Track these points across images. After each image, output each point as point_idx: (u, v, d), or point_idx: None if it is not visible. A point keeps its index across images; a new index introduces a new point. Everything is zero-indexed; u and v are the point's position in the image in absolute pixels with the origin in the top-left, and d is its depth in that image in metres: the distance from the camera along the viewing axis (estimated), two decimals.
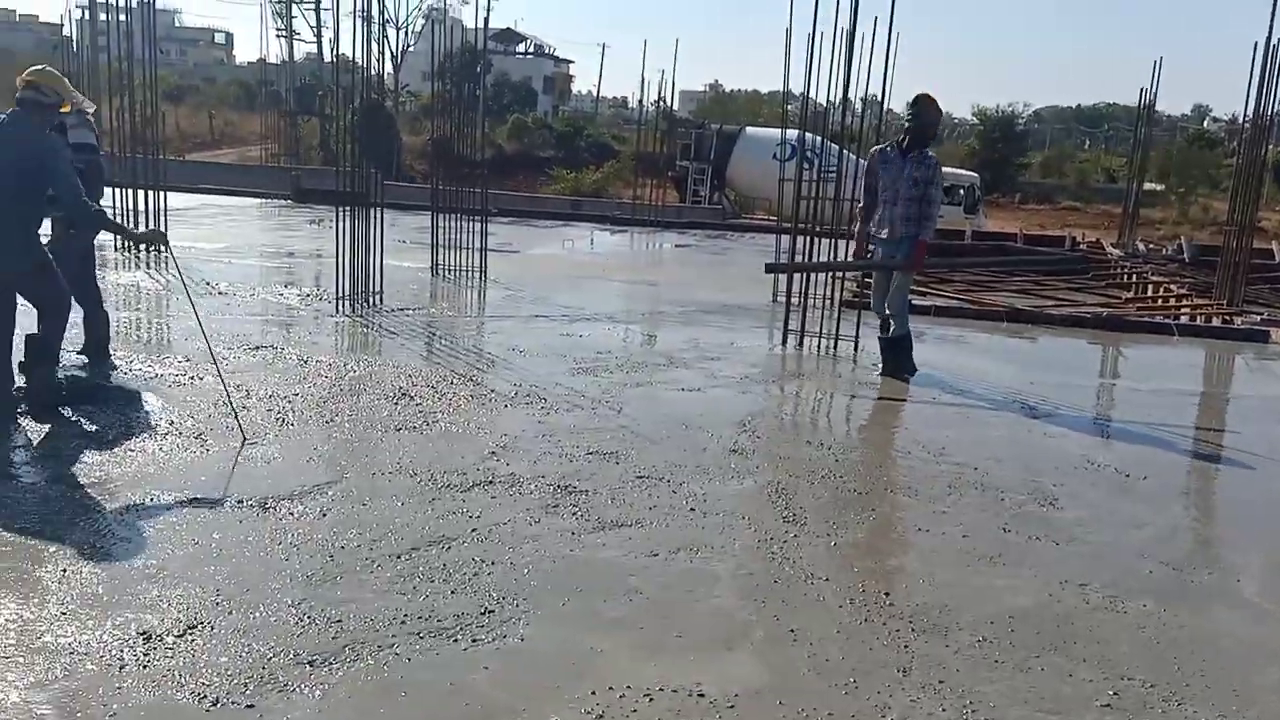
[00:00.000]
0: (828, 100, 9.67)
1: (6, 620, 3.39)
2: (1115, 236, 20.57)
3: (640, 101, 28.50)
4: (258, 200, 20.43)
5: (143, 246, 10.90)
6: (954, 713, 3.20)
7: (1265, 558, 4.78)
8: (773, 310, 10.35)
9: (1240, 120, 15.42)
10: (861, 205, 7.96)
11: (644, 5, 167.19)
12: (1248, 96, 12.18)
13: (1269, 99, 11.81)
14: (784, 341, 8.91)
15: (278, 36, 47.97)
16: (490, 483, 4.97)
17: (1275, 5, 11.33)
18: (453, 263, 11.69)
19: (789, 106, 18.08)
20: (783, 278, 9.72)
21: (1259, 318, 11.44)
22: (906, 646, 3.62)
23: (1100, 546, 4.73)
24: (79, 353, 6.56)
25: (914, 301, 8.53)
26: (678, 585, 4.01)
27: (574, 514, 4.64)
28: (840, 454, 5.90)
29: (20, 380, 5.69)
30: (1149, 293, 13.93)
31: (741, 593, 3.98)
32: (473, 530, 4.38)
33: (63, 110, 5.65)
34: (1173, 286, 13.83)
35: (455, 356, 7.74)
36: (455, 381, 6.87)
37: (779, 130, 17.77)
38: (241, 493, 4.64)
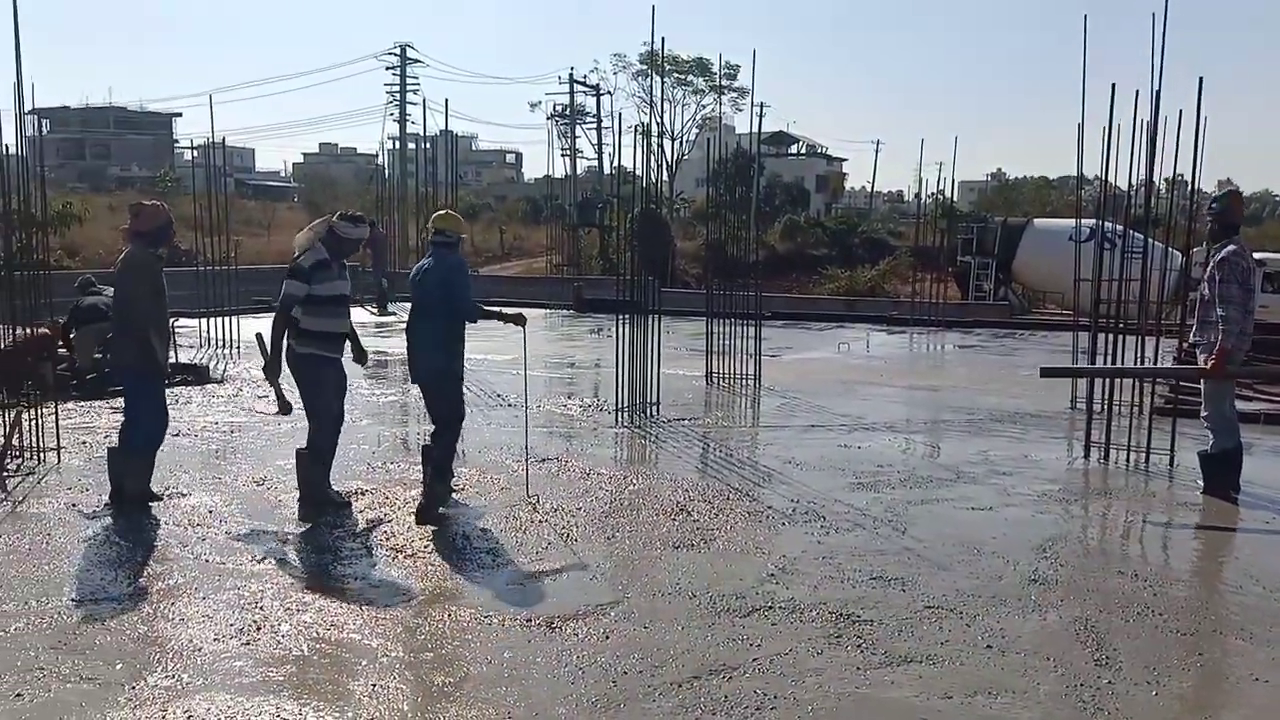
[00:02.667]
0: (1128, 186, 9.05)
1: None
2: None
3: (917, 196, 28.08)
4: (543, 311, 21.71)
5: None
6: None
7: None
8: (1071, 418, 9.66)
9: None
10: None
11: (920, 100, 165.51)
12: None
13: None
14: (1086, 454, 8.22)
15: (562, 155, 51.71)
16: (770, 608, 4.85)
17: None
18: (727, 369, 11.79)
19: (1081, 190, 17.14)
20: (1082, 381, 9.04)
21: None
22: None
23: None
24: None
25: (1240, 408, 7.64)
26: None
27: (859, 646, 4.43)
28: (1158, 587, 5.30)
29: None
30: None
31: None
32: (753, 660, 4.27)
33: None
34: None
35: (730, 469, 7.74)
36: (731, 496, 6.85)
37: (1070, 221, 16.84)
38: (531, 610, 4.79)
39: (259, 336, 6.66)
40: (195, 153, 20.54)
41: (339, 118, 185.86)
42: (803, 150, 76.86)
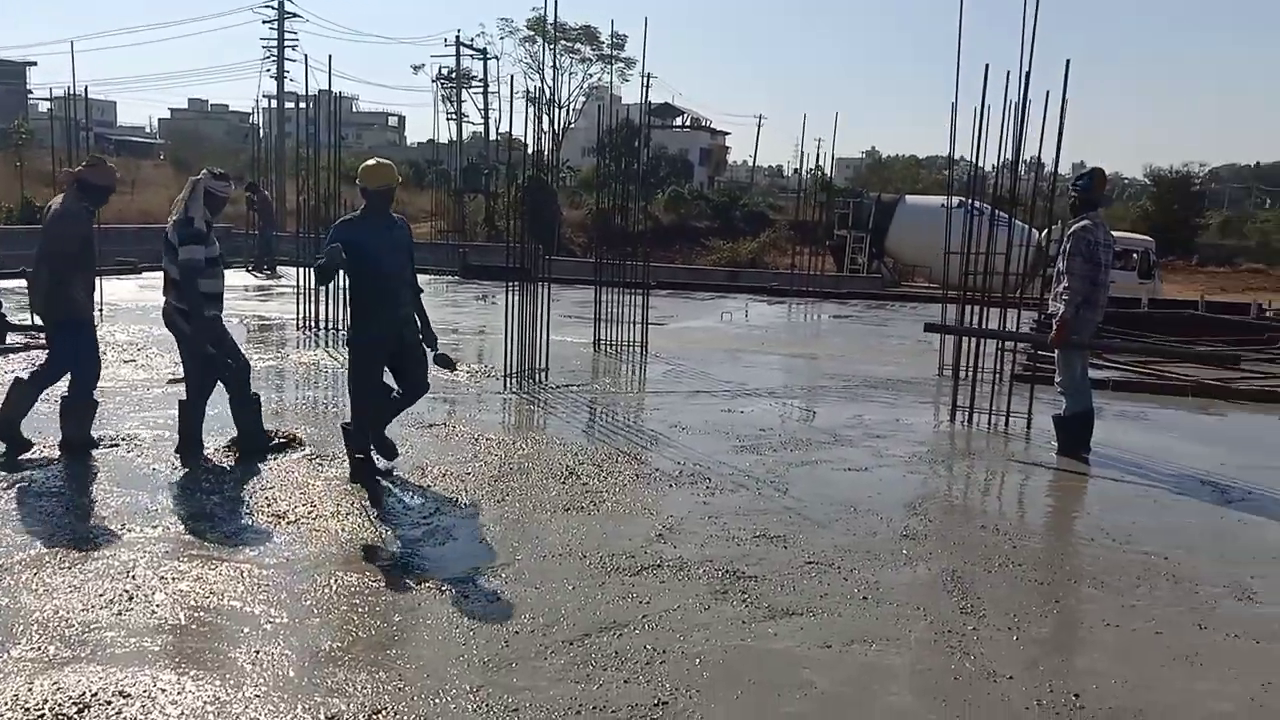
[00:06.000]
0: (994, 166, 9.44)
1: (205, 702, 3.55)
2: None
3: (798, 172, 28.62)
4: (427, 277, 21.34)
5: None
6: None
7: None
8: (939, 384, 10.08)
9: None
10: None
11: (801, 79, 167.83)
12: None
13: None
14: (952, 418, 8.62)
15: (448, 119, 50.66)
16: (658, 566, 4.96)
17: None
18: (614, 337, 11.87)
19: (952, 170, 17.76)
20: (949, 349, 9.46)
21: None
22: None
23: None
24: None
25: (1091, 375, 8.12)
26: (854, 680, 3.88)
27: (744, 601, 4.58)
28: (1018, 540, 5.63)
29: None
30: None
31: (920, 690, 3.82)
32: (643, 617, 4.36)
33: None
34: None
35: (618, 433, 7.82)
36: (620, 460, 6.94)
37: (940, 198, 17.45)
38: (420, 574, 4.77)
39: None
40: (52, 104, 19.33)
41: (210, 72, 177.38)
42: (687, 123, 77.22)
